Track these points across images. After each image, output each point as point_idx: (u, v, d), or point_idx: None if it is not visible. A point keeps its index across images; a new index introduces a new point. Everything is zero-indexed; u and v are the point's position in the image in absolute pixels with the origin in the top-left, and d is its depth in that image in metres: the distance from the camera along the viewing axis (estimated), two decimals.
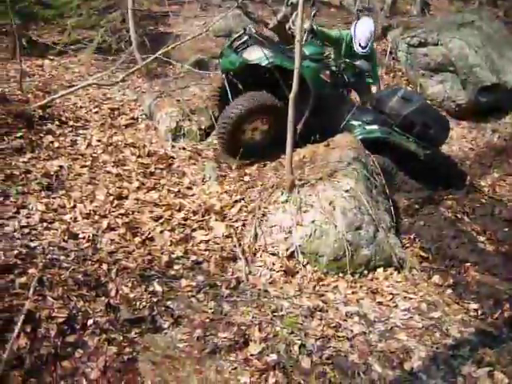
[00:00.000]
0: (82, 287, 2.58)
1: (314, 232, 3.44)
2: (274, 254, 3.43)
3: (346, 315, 2.97)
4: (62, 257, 2.81)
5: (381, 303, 3.18)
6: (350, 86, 5.09)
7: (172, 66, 6.42)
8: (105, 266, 2.83)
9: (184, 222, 3.62)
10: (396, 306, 3.16)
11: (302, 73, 3.79)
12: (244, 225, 3.68)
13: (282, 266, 3.33)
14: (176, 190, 4.05)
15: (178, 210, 3.72)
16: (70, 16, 7.36)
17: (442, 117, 5.31)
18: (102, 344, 2.31)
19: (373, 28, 4.78)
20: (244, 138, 4.53)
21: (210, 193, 4.08)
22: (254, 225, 3.57)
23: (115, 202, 3.63)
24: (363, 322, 2.94)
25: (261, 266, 3.35)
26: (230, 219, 3.74)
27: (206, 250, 3.38)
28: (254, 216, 3.64)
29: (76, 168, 4.00)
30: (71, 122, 4.78)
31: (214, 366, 2.38)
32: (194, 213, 3.73)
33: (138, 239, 3.27)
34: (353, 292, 3.26)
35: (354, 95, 5.40)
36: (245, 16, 6.97)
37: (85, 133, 4.68)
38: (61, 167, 3.91)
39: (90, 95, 5.58)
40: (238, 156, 4.49)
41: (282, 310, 2.90)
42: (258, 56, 4.41)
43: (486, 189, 5.38)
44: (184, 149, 4.87)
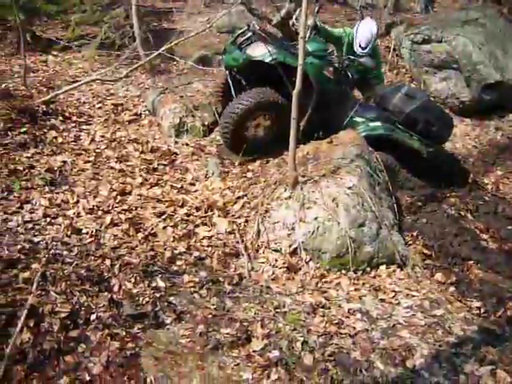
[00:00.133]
0: (85, 282, 2.59)
1: (317, 229, 3.44)
2: (276, 251, 3.43)
3: (349, 312, 2.98)
4: (65, 252, 2.83)
5: (383, 300, 3.17)
6: (353, 83, 5.07)
7: (175, 62, 6.40)
8: (108, 262, 2.85)
9: (187, 217, 3.63)
10: (398, 304, 3.16)
11: (306, 69, 3.78)
12: (247, 221, 3.67)
13: (284, 263, 3.34)
14: (179, 186, 4.05)
15: (181, 206, 3.73)
16: (74, 12, 7.39)
17: (445, 114, 5.28)
18: (105, 339, 2.32)
19: (375, 30, 4.72)
20: (247, 134, 4.53)
21: (213, 189, 4.08)
22: (256, 221, 3.57)
23: (118, 197, 3.64)
24: (365, 319, 2.94)
25: (263, 263, 3.35)
26: (233, 215, 3.74)
27: (208, 245, 3.39)
28: (256, 212, 3.64)
29: (79, 163, 4.01)
30: (75, 118, 4.80)
31: (216, 362, 2.38)
32: (197, 209, 3.74)
33: (140, 235, 3.28)
34: (355, 289, 3.26)
35: (357, 92, 5.38)
36: (248, 12, 6.98)
37: (88, 128, 4.70)
38: (64, 162, 3.93)
39: (93, 91, 5.59)
40: (241, 152, 4.48)
41: (284, 306, 2.91)
42: (261, 52, 4.40)
43: (489, 186, 5.35)
44: (187, 145, 4.87)
